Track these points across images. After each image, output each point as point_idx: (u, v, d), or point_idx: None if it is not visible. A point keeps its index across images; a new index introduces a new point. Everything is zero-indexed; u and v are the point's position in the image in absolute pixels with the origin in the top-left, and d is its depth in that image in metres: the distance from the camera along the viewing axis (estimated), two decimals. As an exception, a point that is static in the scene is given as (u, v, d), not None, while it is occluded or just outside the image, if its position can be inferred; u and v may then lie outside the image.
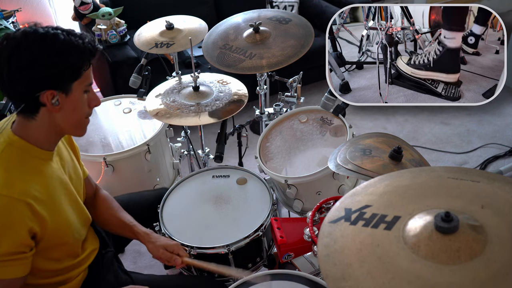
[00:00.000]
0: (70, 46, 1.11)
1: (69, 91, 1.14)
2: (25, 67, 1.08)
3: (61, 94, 1.13)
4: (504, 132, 3.06)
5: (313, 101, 3.23)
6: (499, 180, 0.90)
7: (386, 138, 1.50)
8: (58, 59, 1.10)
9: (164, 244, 1.44)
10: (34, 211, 1.12)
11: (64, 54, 1.10)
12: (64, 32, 1.12)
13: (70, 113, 1.17)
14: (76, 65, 1.13)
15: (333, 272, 0.79)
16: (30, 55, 1.08)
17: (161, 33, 2.10)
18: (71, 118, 1.19)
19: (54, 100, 1.12)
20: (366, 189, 0.95)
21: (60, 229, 1.22)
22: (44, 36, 1.09)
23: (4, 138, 1.16)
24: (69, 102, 1.15)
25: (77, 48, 1.12)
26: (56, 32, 1.11)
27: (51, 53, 1.09)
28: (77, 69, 1.13)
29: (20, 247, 1.12)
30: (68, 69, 1.12)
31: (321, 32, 3.08)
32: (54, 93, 1.12)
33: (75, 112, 1.18)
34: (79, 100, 1.18)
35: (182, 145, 2.32)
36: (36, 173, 1.17)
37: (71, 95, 1.15)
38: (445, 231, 0.77)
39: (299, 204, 1.78)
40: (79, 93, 1.17)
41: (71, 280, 1.33)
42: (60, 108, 1.14)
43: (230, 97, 1.83)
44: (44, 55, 1.08)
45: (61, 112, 1.15)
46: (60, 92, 1.13)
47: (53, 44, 1.09)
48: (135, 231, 1.47)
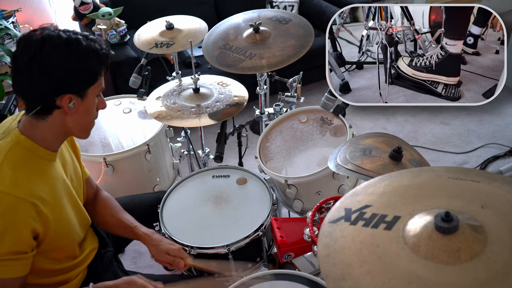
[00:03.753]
0: (91, 51, 1.13)
1: (85, 95, 1.16)
2: (47, 71, 1.09)
3: (77, 98, 1.15)
4: (504, 132, 3.06)
5: (313, 101, 3.23)
6: (499, 180, 0.90)
7: (386, 138, 1.50)
8: (80, 65, 1.12)
9: (166, 249, 1.43)
10: (39, 212, 1.13)
11: (85, 60, 1.12)
12: (84, 38, 1.14)
13: (82, 116, 1.19)
14: (95, 71, 1.15)
15: (333, 272, 0.79)
16: (54, 59, 1.09)
17: (161, 33, 2.10)
18: (82, 121, 1.21)
19: (71, 104, 1.14)
20: (366, 189, 0.95)
21: (62, 230, 1.22)
22: (68, 41, 1.10)
23: (11, 137, 1.16)
24: (83, 106, 1.17)
25: (97, 54, 1.14)
26: (78, 37, 1.12)
27: (74, 59, 1.11)
28: (95, 74, 1.16)
29: (22, 247, 1.12)
30: (88, 74, 1.14)
31: (321, 32, 3.09)
32: (72, 97, 1.13)
33: (86, 116, 1.20)
34: (92, 105, 1.20)
35: (182, 145, 2.32)
36: (42, 174, 1.18)
37: (86, 100, 1.17)
38: (445, 231, 0.77)
39: (299, 204, 1.78)
40: (93, 98, 1.19)
41: (70, 280, 1.33)
42: (75, 111, 1.16)
43: (230, 99, 1.83)
44: (67, 60, 1.10)
45: (74, 116, 1.17)
46: (77, 96, 1.15)
47: (76, 50, 1.11)
48: (136, 233, 1.46)
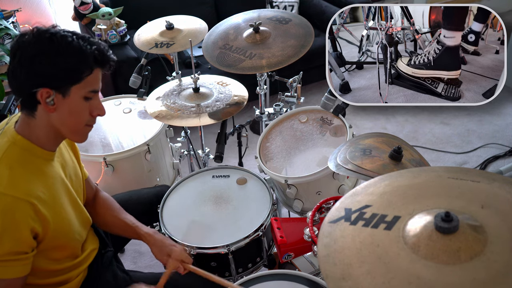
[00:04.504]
0: (74, 49, 1.11)
1: (66, 93, 1.13)
2: (25, 61, 1.09)
3: (57, 95, 1.12)
4: (504, 132, 3.06)
5: (313, 101, 3.23)
6: (499, 180, 0.90)
7: (386, 138, 1.50)
8: (57, 59, 1.09)
9: (168, 251, 1.41)
10: (37, 211, 1.12)
11: (65, 55, 1.10)
12: (75, 36, 1.12)
13: (66, 116, 1.16)
14: (77, 68, 1.12)
15: (333, 272, 0.79)
16: (32, 51, 1.09)
17: (161, 33, 2.10)
18: (67, 122, 1.17)
19: (49, 100, 1.11)
20: (366, 189, 0.95)
21: (61, 230, 1.22)
22: (52, 36, 1.09)
23: (7, 137, 1.16)
24: (65, 105, 1.14)
25: (80, 52, 1.11)
26: (66, 34, 1.11)
27: (52, 52, 1.09)
28: (76, 73, 1.12)
29: (22, 247, 1.12)
30: (67, 71, 1.11)
31: (321, 32, 3.09)
32: (50, 92, 1.11)
33: (71, 116, 1.17)
34: (77, 105, 1.16)
35: (182, 145, 2.32)
36: (39, 173, 1.18)
37: (68, 98, 1.13)
38: (445, 231, 0.77)
39: (299, 204, 1.78)
40: (77, 98, 1.15)
41: (71, 280, 1.33)
42: (55, 109, 1.13)
43: (230, 99, 1.83)
44: (45, 53, 1.09)
45: (56, 113, 1.14)
46: (57, 93, 1.12)
47: (57, 45, 1.09)
48: (138, 232, 1.46)
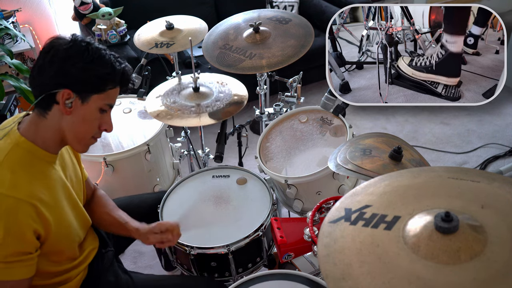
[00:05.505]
0: (107, 62, 1.16)
1: (86, 100, 1.16)
2: (58, 60, 1.12)
3: (77, 100, 1.15)
4: (504, 132, 3.06)
5: (313, 101, 3.24)
6: (499, 180, 0.90)
7: (386, 138, 1.50)
8: (90, 66, 1.14)
9: (149, 229, 1.42)
10: (39, 213, 1.13)
11: (96, 64, 1.15)
12: (108, 51, 1.18)
13: (78, 122, 1.18)
14: (104, 78, 1.16)
15: (333, 272, 0.79)
16: (68, 53, 1.13)
17: (161, 33, 2.10)
18: (77, 128, 1.19)
19: (68, 102, 1.14)
20: (366, 189, 0.95)
21: (62, 232, 1.22)
22: (88, 45, 1.15)
23: (11, 139, 1.16)
24: (81, 111, 1.17)
25: (112, 66, 1.17)
26: (100, 47, 1.17)
27: (85, 59, 1.13)
28: (102, 83, 1.17)
29: (26, 247, 1.12)
30: (95, 77, 1.15)
31: (321, 32, 3.09)
32: (72, 94, 1.14)
33: (82, 124, 1.19)
34: (91, 115, 1.19)
35: (182, 145, 2.32)
36: (41, 176, 1.18)
37: (86, 105, 1.17)
38: (445, 231, 0.77)
39: (299, 204, 1.78)
40: (94, 108, 1.18)
41: (70, 280, 1.33)
42: (71, 112, 1.15)
43: (230, 98, 1.83)
44: (78, 58, 1.13)
45: (70, 117, 1.16)
46: (77, 97, 1.15)
47: (92, 53, 1.14)
48: (127, 228, 1.45)
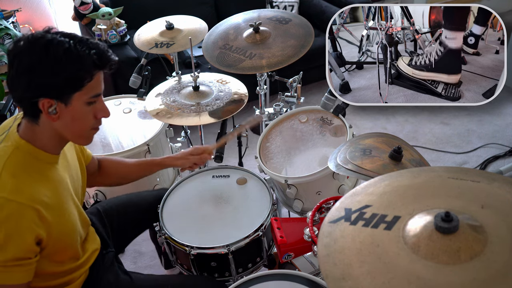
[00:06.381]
0: (72, 56, 1.06)
1: (68, 102, 1.10)
2: (22, 72, 1.06)
3: (60, 104, 1.10)
4: (504, 132, 3.06)
5: (313, 101, 3.24)
6: (499, 180, 0.90)
7: (386, 138, 1.50)
8: (56, 69, 1.06)
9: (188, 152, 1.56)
10: (42, 217, 1.11)
11: (63, 63, 1.06)
12: (72, 41, 1.07)
13: (70, 123, 1.14)
14: (76, 77, 1.09)
15: (333, 272, 0.79)
16: (29, 61, 1.05)
17: (161, 33, 2.10)
18: (72, 128, 1.16)
19: (52, 109, 1.09)
20: (366, 189, 0.95)
21: (65, 232, 1.22)
22: (48, 43, 1.05)
23: (11, 141, 1.15)
24: (68, 113, 1.12)
25: (79, 59, 1.07)
26: (63, 40, 1.06)
27: (49, 62, 1.05)
28: (77, 81, 1.09)
29: (26, 253, 1.11)
30: (67, 80, 1.08)
31: (321, 32, 3.09)
32: (52, 102, 1.09)
33: (75, 123, 1.15)
34: (80, 112, 1.14)
35: (182, 145, 2.32)
36: (43, 178, 1.16)
37: (70, 106, 1.11)
38: (445, 231, 0.77)
39: (299, 204, 1.78)
40: (80, 105, 1.13)
41: (73, 282, 1.33)
42: (58, 117, 1.11)
43: (230, 96, 1.83)
44: (41, 63, 1.05)
45: (60, 122, 1.13)
46: (59, 102, 1.10)
47: (53, 53, 1.05)
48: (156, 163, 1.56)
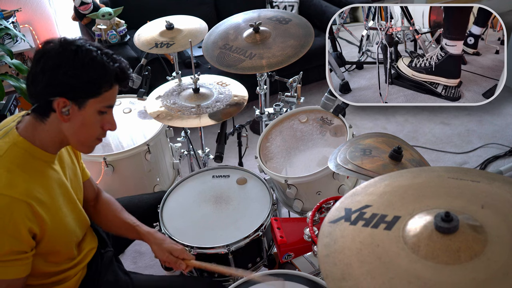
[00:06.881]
0: (98, 64, 1.13)
1: (82, 106, 1.15)
2: (48, 69, 1.10)
3: (73, 106, 1.14)
4: (504, 132, 3.06)
5: (313, 101, 3.23)
6: (499, 180, 0.90)
7: (386, 138, 1.50)
8: (80, 72, 1.11)
9: (169, 249, 1.43)
10: (35, 212, 1.13)
11: (88, 69, 1.12)
12: (100, 51, 1.14)
13: (78, 127, 1.17)
14: (97, 82, 1.14)
15: (333, 272, 0.79)
16: (57, 60, 1.10)
17: (161, 33, 2.10)
18: (78, 133, 1.19)
19: (65, 110, 1.13)
20: (366, 189, 0.95)
21: (59, 232, 1.22)
22: (78, 48, 1.12)
23: (9, 138, 1.16)
24: (79, 116, 1.15)
25: (103, 67, 1.14)
26: (91, 48, 1.13)
27: (75, 65, 1.11)
28: (96, 87, 1.14)
29: (22, 246, 1.12)
30: (87, 84, 1.13)
31: (321, 32, 3.09)
32: (67, 102, 1.12)
33: (82, 129, 1.18)
34: (90, 119, 1.18)
35: (182, 145, 2.32)
36: (38, 175, 1.18)
37: (83, 111, 1.15)
38: (445, 231, 0.77)
39: (299, 204, 1.78)
40: (92, 112, 1.17)
41: (68, 279, 1.33)
42: (69, 119, 1.15)
43: (230, 99, 1.83)
44: (67, 64, 1.10)
45: (69, 124, 1.16)
46: (73, 104, 1.13)
47: (82, 58, 1.11)
48: (138, 231, 1.47)
